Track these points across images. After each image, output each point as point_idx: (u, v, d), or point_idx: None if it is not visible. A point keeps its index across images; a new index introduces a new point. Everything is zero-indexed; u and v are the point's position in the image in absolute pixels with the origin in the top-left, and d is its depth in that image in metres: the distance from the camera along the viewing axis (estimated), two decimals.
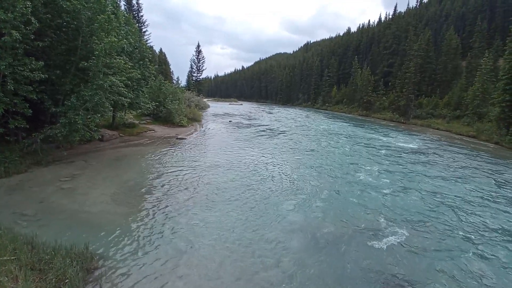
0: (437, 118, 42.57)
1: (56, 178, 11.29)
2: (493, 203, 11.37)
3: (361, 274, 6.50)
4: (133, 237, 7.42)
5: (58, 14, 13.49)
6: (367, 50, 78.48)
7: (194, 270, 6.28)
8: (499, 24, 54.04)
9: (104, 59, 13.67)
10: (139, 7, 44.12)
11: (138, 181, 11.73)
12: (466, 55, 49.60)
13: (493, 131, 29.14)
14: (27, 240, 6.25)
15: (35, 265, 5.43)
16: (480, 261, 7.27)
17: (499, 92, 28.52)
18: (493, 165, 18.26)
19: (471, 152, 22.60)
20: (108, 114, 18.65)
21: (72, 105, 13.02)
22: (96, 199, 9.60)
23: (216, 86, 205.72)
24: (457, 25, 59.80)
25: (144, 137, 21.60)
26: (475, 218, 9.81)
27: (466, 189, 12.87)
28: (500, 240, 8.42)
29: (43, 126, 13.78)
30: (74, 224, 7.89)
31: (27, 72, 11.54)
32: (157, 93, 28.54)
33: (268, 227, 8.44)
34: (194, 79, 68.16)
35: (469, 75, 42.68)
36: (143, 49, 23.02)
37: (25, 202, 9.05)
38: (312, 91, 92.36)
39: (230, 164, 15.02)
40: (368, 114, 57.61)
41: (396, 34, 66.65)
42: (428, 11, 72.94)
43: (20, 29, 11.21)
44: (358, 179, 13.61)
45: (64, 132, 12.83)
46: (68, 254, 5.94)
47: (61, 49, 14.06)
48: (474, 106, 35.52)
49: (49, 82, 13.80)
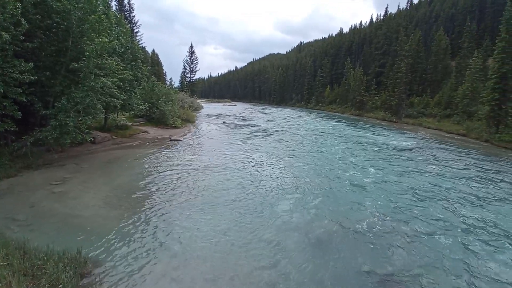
0: (428, 117, 43.32)
1: (47, 182, 11.10)
2: (486, 199, 11.58)
3: (356, 272, 6.55)
4: (127, 241, 7.33)
5: (48, 14, 13.27)
6: (359, 51, 79.33)
7: (188, 272, 6.24)
8: (488, 24, 55.10)
9: (95, 60, 13.50)
10: (131, 7, 43.65)
11: (131, 184, 11.60)
12: (455, 55, 50.53)
13: (482, 129, 29.72)
14: (19, 245, 6.13)
15: (28, 270, 5.33)
16: (477, 258, 7.41)
17: (489, 91, 29.11)
18: (485, 162, 18.59)
19: (462, 149, 22.99)
20: (100, 116, 18.44)
21: (62, 107, 12.82)
22: (88, 203, 9.46)
23: (209, 87, 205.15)
24: (447, 26, 60.85)
25: (137, 139, 21.39)
26: (468, 213, 9.97)
27: (458, 186, 13.07)
28: (491, 234, 8.59)
29: (33, 129, 13.52)
30: (66, 228, 7.77)
31: (16, 74, 11.32)
32: (150, 94, 28.32)
33: (263, 227, 8.43)
34: (187, 80, 67.79)
35: (459, 74, 43.48)
36: (135, 50, 22.82)
37: (16, 207, 8.87)
38: (305, 91, 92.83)
39: (224, 165, 14.98)
40: (361, 114, 58.22)
41: (387, 35, 67.54)
42: (418, 12, 74.05)
43: (9, 31, 11.00)
44: (352, 177, 13.71)
45: (55, 134, 12.61)
46: (61, 259, 5.84)
47: (51, 50, 13.83)
48: (464, 105, 36.22)
49: (39, 84, 13.56)
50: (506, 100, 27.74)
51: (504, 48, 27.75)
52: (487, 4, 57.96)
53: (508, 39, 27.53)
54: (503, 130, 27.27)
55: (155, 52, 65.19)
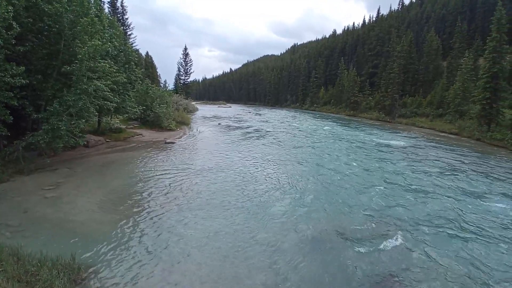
0: (421, 116, 43.87)
1: (40, 187, 10.93)
2: (481, 196, 11.75)
3: (354, 273, 6.58)
4: (122, 246, 7.25)
5: (40, 18, 13.12)
6: (353, 52, 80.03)
7: (186, 276, 6.20)
8: (479, 24, 55.90)
9: (88, 63, 13.36)
10: (124, 9, 43.39)
11: (125, 188, 11.50)
12: (447, 56, 51.22)
13: (474, 128, 30.17)
14: (13, 251, 6.03)
15: (22, 277, 5.26)
16: (475, 258, 7.50)
17: (480, 91, 29.56)
18: (477, 159, 18.86)
19: (455, 148, 23.30)
20: (93, 119, 18.25)
21: (54, 111, 12.65)
22: (82, 208, 9.35)
23: (204, 89, 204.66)
24: (438, 27, 61.67)
25: (132, 142, 21.22)
26: (462, 212, 10.10)
27: (452, 184, 13.24)
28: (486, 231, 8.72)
29: (25, 133, 13.32)
30: (60, 234, 7.65)
31: (8, 77, 11.15)
32: (144, 97, 28.16)
33: (260, 229, 8.43)
34: (182, 82, 67.49)
35: (450, 74, 44.11)
36: (128, 52, 22.66)
37: (9, 213, 8.72)
38: (300, 92, 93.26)
39: (219, 167, 14.95)
40: (355, 114, 58.68)
41: (380, 36, 68.27)
42: (409, 14, 74.95)
43: (1, 34, 10.85)
44: (348, 177, 13.79)
45: (47, 138, 12.43)
46: (55, 265, 5.76)
47: (43, 53, 13.65)
48: (456, 105, 36.73)
49: (30, 88, 13.37)
50: (497, 99, 28.23)
51: (494, 47, 28.22)
52: (478, 5, 58.87)
53: (498, 39, 28.02)
54: (494, 128, 27.72)
55: (149, 55, 64.81)
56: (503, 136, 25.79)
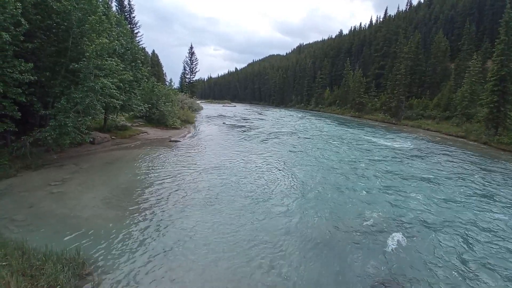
0: (427, 119, 43.34)
1: (46, 182, 11.09)
2: (485, 200, 11.60)
3: (355, 273, 6.56)
4: (126, 242, 7.33)
5: (48, 15, 13.31)
6: (359, 52, 79.47)
7: (188, 274, 6.24)
8: (487, 26, 55.13)
9: (95, 61, 13.51)
10: (131, 8, 43.66)
11: (130, 185, 11.60)
12: (455, 57, 50.58)
13: (481, 131, 29.76)
14: (18, 245, 6.13)
15: (27, 271, 5.34)
16: (475, 258, 7.43)
17: (487, 93, 29.15)
18: (486, 165, 18.62)
19: (462, 152, 23.02)
20: (99, 116, 18.46)
21: (62, 108, 12.83)
22: (87, 203, 9.46)
23: (209, 88, 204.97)
24: (446, 28, 60.94)
25: (137, 140, 21.38)
26: (469, 215, 9.99)
27: (458, 188, 13.10)
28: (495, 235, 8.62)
29: (32, 129, 13.53)
30: (65, 229, 7.76)
31: (16, 74, 11.34)
32: (150, 95, 28.33)
33: (263, 229, 8.44)
34: (187, 80, 67.77)
35: (458, 77, 43.54)
36: (135, 50, 22.82)
37: (15, 207, 8.87)
38: (305, 92, 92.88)
39: (223, 166, 14.99)
40: (360, 115, 58.27)
41: (387, 37, 67.64)
42: (417, 15, 74.20)
43: (10, 31, 11.02)
44: (352, 179, 13.73)
45: (54, 135, 12.62)
46: (60, 259, 5.85)
47: (51, 50, 13.85)
48: (463, 107, 36.26)
49: (39, 84, 13.57)
50: (505, 102, 27.81)
51: (503, 50, 27.83)
52: (487, 6, 58.05)
53: (507, 41, 27.62)
54: (502, 132, 27.32)
55: (155, 53, 65.34)
56: (510, 140, 25.40)
